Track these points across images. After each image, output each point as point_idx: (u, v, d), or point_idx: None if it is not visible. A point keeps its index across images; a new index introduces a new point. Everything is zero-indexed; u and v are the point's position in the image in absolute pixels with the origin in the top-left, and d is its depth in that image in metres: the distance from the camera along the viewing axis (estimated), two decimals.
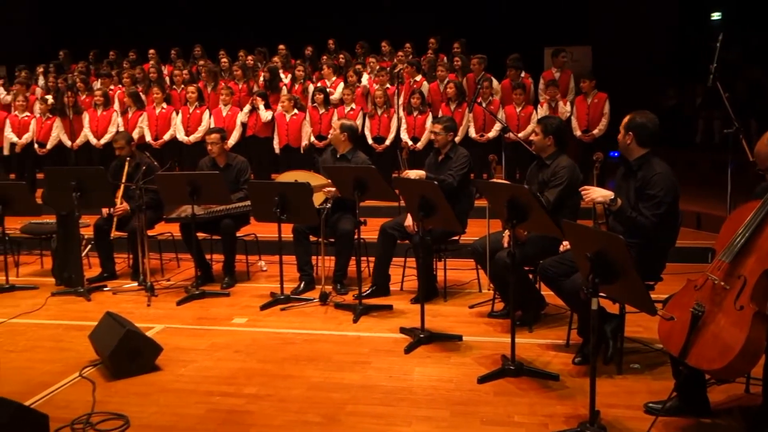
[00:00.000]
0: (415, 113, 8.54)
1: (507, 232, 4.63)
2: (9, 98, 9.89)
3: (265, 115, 8.69)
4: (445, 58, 10.37)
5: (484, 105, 7.18)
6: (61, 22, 13.27)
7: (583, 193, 3.93)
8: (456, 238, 5.50)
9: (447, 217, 4.32)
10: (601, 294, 3.08)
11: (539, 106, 8.69)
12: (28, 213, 6.05)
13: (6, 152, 9.16)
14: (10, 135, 9.07)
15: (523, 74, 9.11)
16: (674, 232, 4.00)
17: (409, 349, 4.30)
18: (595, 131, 8.25)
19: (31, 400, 3.63)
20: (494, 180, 5.20)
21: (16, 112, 9.19)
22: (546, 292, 4.60)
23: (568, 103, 8.57)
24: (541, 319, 4.82)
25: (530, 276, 4.73)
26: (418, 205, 4.32)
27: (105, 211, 6.02)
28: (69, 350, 4.46)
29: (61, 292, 5.80)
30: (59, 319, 5.17)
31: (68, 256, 5.97)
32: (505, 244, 4.63)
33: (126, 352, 3.95)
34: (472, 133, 8.50)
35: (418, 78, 9.56)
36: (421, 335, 4.41)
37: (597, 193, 3.85)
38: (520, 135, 7.70)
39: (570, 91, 8.99)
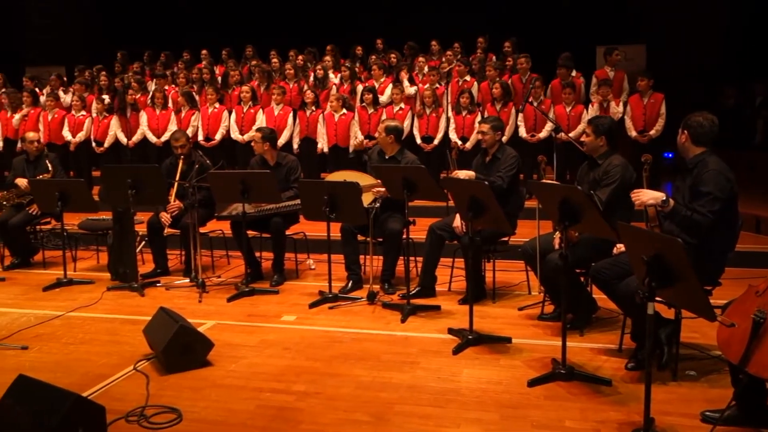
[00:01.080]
0: (464, 113, 8.49)
1: (558, 234, 4.57)
2: (68, 98, 10.19)
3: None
4: (494, 58, 10.28)
5: (535, 104, 7.09)
6: (117, 23, 13.61)
7: (633, 197, 3.84)
8: (505, 239, 5.45)
9: (497, 217, 4.28)
10: (658, 298, 3.00)
11: (590, 105, 8.53)
12: (86, 210, 6.22)
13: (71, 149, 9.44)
14: (66, 134, 9.35)
15: (574, 73, 8.96)
16: (734, 235, 3.89)
17: (457, 350, 4.27)
18: (652, 132, 8.05)
19: (88, 391, 3.73)
20: (546, 181, 5.12)
21: (73, 111, 9.46)
22: (597, 295, 4.52)
23: (621, 104, 8.39)
24: (593, 322, 4.73)
25: (582, 278, 4.65)
26: (467, 205, 4.29)
27: (165, 217, 6.13)
28: (124, 344, 4.58)
29: (116, 287, 5.95)
30: (114, 313, 5.31)
31: (123, 252, 6.12)
32: (556, 246, 4.56)
33: (179, 347, 4.03)
34: (523, 134, 8.40)
35: (468, 77, 9.50)
36: (470, 336, 4.38)
37: (647, 196, 3.76)
38: (570, 135, 7.57)
39: (623, 91, 8.80)
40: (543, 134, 8.32)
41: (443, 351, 4.31)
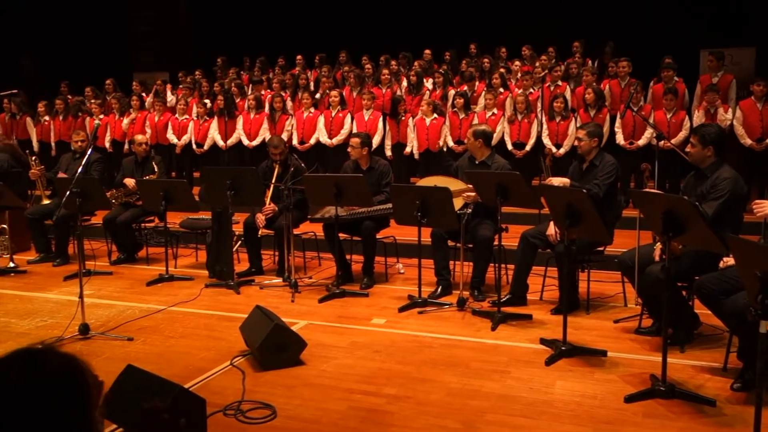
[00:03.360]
0: (557, 119, 8.31)
1: (659, 245, 4.39)
2: (173, 102, 10.68)
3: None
4: (590, 62, 10.03)
5: (635, 110, 6.84)
6: (216, 30, 14.16)
7: (755, 208, 3.64)
8: (601, 248, 5.29)
9: (594, 226, 4.17)
10: None
11: (696, 111, 8.16)
12: (188, 209, 6.49)
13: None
14: (171, 136, 9.80)
15: (676, 78, 8.60)
16: None
17: (550, 361, 4.18)
18: None
19: (189, 383, 3.89)
20: (649, 190, 4.94)
21: (177, 115, 9.91)
22: (700, 310, 4.32)
23: (730, 110, 7.97)
24: (694, 338, 4.52)
25: (684, 292, 4.46)
26: (563, 213, 4.20)
27: (260, 218, 6.31)
28: (221, 339, 4.75)
29: (214, 284, 6.18)
30: (212, 310, 5.51)
31: (221, 251, 6.35)
32: (657, 258, 4.39)
33: (274, 345, 4.13)
34: (621, 140, 8.14)
35: (560, 82, 9.30)
36: (563, 347, 4.28)
37: None
38: (672, 142, 7.26)
39: (731, 97, 8.36)
40: (642, 141, 8.02)
41: (535, 361, 4.23)
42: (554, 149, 8.19)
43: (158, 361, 4.29)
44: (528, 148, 8.44)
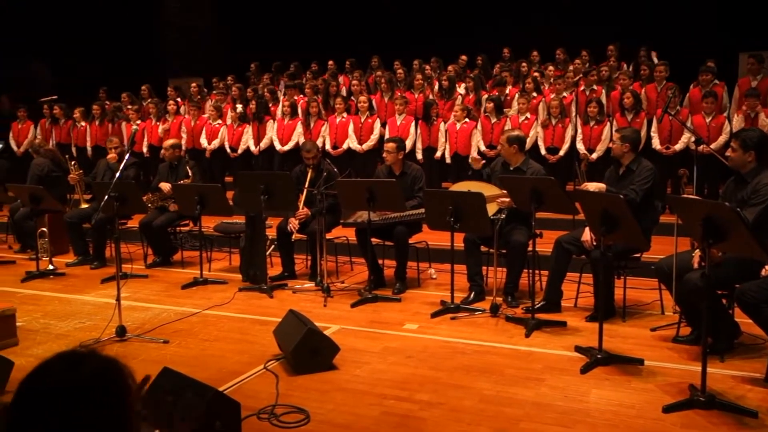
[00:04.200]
0: (591, 123, 8.22)
1: (698, 252, 4.31)
2: (207, 107, 10.81)
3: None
4: (625, 66, 9.90)
5: (672, 114, 6.73)
6: (249, 36, 14.31)
7: None
8: (638, 255, 5.21)
9: (631, 233, 4.11)
10: None
11: (735, 115, 7.99)
12: (222, 213, 6.56)
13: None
14: (203, 141, 9.92)
15: (716, 81, 8.44)
16: None
17: (585, 369, 4.12)
18: None
19: (223, 386, 3.92)
20: (688, 196, 4.85)
21: (210, 120, 10.03)
22: (741, 319, 4.22)
23: None
24: (735, 348, 4.41)
25: (724, 300, 4.36)
26: (600, 219, 4.14)
27: (293, 222, 6.35)
28: (254, 343, 4.78)
29: (247, 288, 6.23)
30: (245, 313, 5.55)
31: (254, 255, 6.40)
32: (695, 265, 4.31)
33: (307, 350, 4.15)
34: (657, 145, 8.01)
35: (595, 86, 9.20)
36: (599, 355, 4.22)
37: None
38: (711, 146, 7.13)
39: None
40: (679, 146, 7.88)
41: (570, 369, 4.17)
42: (589, 154, 8.09)
43: (193, 363, 4.34)
44: (562, 153, 8.36)
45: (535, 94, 9.08)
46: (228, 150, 9.79)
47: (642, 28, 11.06)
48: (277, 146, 9.47)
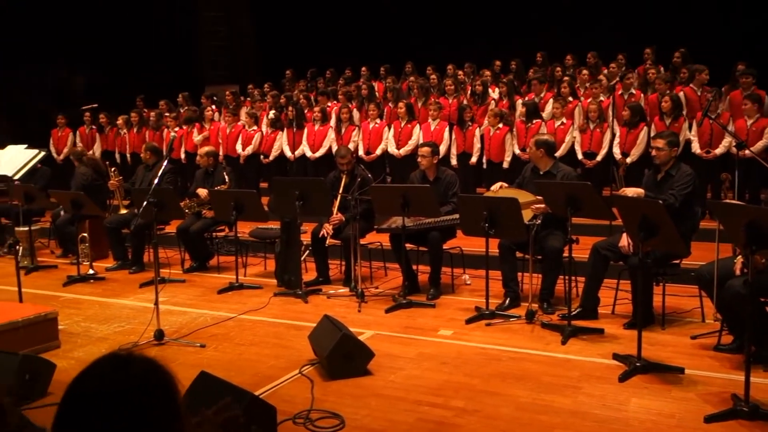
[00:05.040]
0: (629, 127, 8.09)
1: (740, 259, 4.22)
2: (242, 114, 10.93)
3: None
4: (662, 69, 9.74)
5: (713, 118, 6.60)
6: (284, 43, 14.46)
7: None
8: (677, 261, 5.11)
9: (671, 239, 4.03)
10: None
11: None
12: (257, 219, 6.62)
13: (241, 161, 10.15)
14: (238, 147, 10.03)
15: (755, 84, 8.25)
16: None
17: (624, 378, 4.06)
18: None
19: (259, 391, 3.95)
20: (730, 201, 4.75)
21: (245, 126, 10.14)
22: None
23: None
24: None
25: (767, 308, 4.25)
26: (638, 225, 4.07)
27: (327, 228, 6.38)
28: (289, 348, 4.81)
29: (282, 293, 6.27)
30: (280, 318, 5.59)
31: (289, 260, 6.44)
32: (738, 272, 4.21)
33: (341, 355, 4.16)
34: (697, 149, 7.85)
35: (633, 90, 9.07)
36: (638, 363, 4.14)
37: None
38: (753, 150, 6.96)
39: None
40: (719, 150, 7.71)
41: (608, 377, 4.11)
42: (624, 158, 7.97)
43: (229, 368, 4.38)
44: (599, 158, 8.25)
45: (570, 99, 8.97)
46: (261, 156, 9.88)
47: (675, 30, 10.86)
48: (308, 153, 9.52)
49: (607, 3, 11.86)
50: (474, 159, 8.85)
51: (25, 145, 6.88)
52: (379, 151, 9.20)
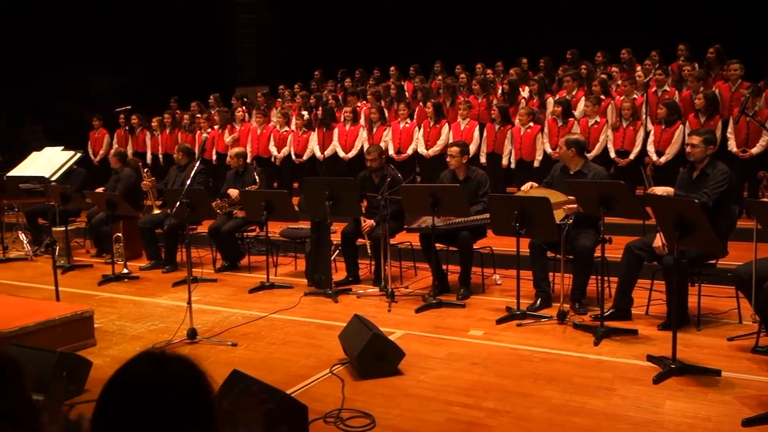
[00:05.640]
0: (663, 125, 7.95)
1: None
2: (273, 115, 11.01)
3: None
4: (696, 66, 9.57)
5: (750, 115, 6.46)
6: (313, 43, 14.53)
7: None
8: (713, 261, 5.01)
9: (707, 238, 3.96)
10: None
11: None
12: (288, 218, 6.67)
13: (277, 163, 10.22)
14: (272, 148, 10.10)
15: None
16: None
17: (658, 379, 3.99)
18: None
19: (291, 389, 3.97)
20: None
21: (277, 127, 10.21)
22: None
23: None
24: None
25: None
26: (673, 224, 4.01)
27: (368, 223, 6.40)
28: (320, 347, 4.83)
29: (312, 293, 6.30)
30: (311, 318, 5.62)
31: (319, 260, 6.47)
32: None
33: (372, 354, 4.16)
34: (733, 148, 7.68)
35: (667, 87, 8.92)
36: (673, 365, 4.07)
37: None
38: None
39: None
40: (756, 149, 7.53)
41: (642, 379, 4.05)
42: (655, 157, 7.84)
43: (261, 366, 4.41)
44: (632, 156, 8.12)
45: (603, 97, 8.85)
46: (293, 156, 9.94)
47: (709, 26, 10.64)
48: (340, 153, 9.55)
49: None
50: (505, 161, 8.78)
51: (62, 147, 7.00)
52: (409, 151, 9.19)
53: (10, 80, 12.69)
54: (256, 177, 7.34)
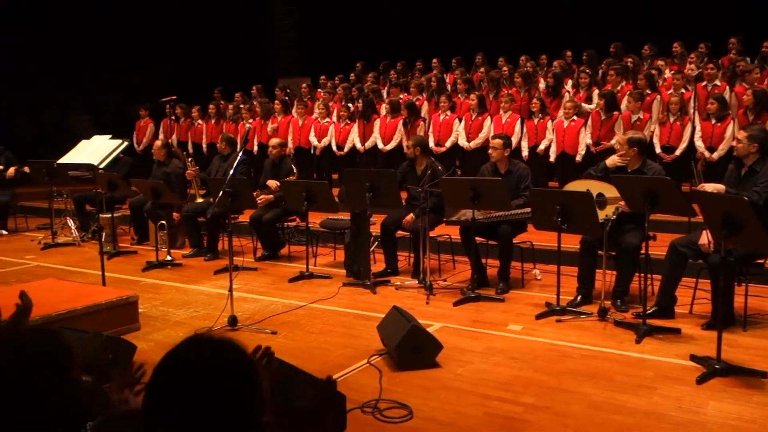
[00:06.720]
0: (713, 121, 7.76)
1: None
2: (315, 106, 11.08)
3: None
4: (749, 60, 9.30)
5: None
6: (356, 35, 14.54)
7: None
8: (761, 261, 4.88)
9: (756, 237, 3.86)
10: None
11: None
12: (328, 209, 6.71)
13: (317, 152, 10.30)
14: (312, 139, 10.17)
15: None
16: None
17: (702, 380, 3.92)
18: None
19: None
20: None
21: (318, 118, 10.26)
22: None
23: None
24: None
25: None
26: (721, 222, 3.91)
27: (408, 218, 6.42)
28: (358, 337, 4.86)
29: (351, 284, 6.33)
30: (349, 308, 5.65)
31: (358, 251, 6.50)
32: None
33: (410, 346, 4.18)
34: None
35: (718, 82, 8.69)
36: (717, 366, 3.99)
37: None
38: None
39: None
40: None
41: (684, 378, 3.98)
42: (707, 153, 7.65)
43: (299, 355, 4.46)
44: (678, 152, 7.95)
45: (648, 92, 8.67)
46: (334, 148, 9.98)
47: (763, 19, 10.32)
48: (380, 145, 9.56)
49: None
50: (542, 147, 8.66)
51: (110, 136, 7.17)
52: (448, 144, 9.15)
53: (62, 73, 13.03)
54: (293, 167, 7.40)
